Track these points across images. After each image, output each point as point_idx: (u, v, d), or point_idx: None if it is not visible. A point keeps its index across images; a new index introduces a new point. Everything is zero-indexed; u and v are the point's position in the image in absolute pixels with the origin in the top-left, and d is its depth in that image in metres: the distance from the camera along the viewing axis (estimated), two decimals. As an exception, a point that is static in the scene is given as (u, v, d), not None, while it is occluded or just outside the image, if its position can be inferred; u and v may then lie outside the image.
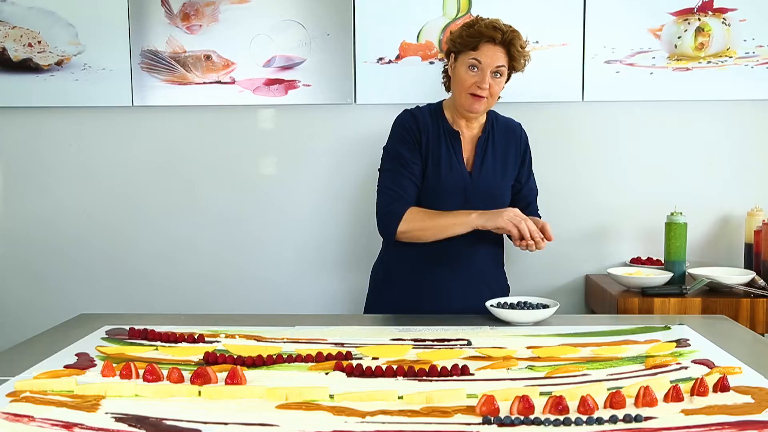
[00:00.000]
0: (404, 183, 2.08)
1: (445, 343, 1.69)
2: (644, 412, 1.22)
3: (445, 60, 2.16)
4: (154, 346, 1.69)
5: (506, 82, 2.12)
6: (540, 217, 2.22)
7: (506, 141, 2.18)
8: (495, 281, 2.23)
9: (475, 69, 2.02)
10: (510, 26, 2.05)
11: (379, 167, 2.17)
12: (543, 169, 2.83)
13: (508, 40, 2.02)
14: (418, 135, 2.11)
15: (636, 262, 2.78)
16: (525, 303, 1.95)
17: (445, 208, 2.06)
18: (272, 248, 2.90)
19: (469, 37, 2.02)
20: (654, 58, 2.76)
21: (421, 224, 2.04)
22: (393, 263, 2.21)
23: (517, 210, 1.98)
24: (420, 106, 2.20)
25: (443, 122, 2.14)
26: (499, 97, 2.13)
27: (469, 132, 2.16)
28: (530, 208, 2.21)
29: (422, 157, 2.11)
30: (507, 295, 2.25)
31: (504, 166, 2.16)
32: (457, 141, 2.12)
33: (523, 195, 2.21)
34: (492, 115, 2.20)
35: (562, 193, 2.85)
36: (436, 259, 2.11)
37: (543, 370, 1.48)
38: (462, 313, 2.03)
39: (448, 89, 2.17)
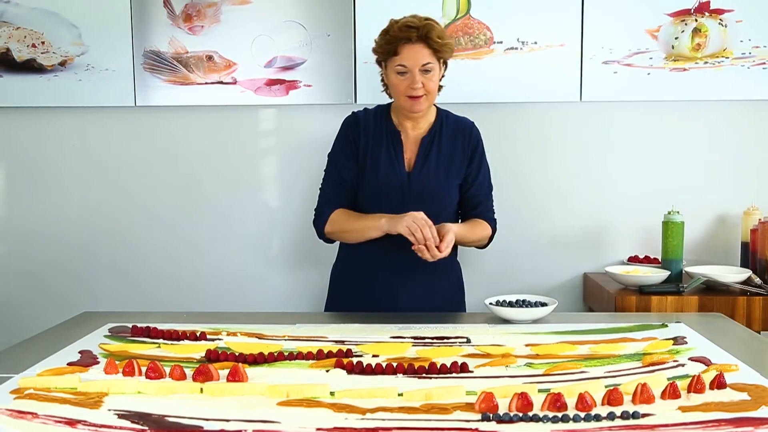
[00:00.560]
0: (335, 186, 2.14)
1: (445, 340, 1.70)
2: (641, 408, 1.22)
3: (380, 69, 2.13)
4: (156, 343, 1.69)
5: (444, 70, 2.10)
6: (494, 220, 2.20)
7: (454, 140, 2.14)
8: (446, 278, 2.19)
9: (404, 73, 2.01)
10: (424, 19, 2.01)
11: None
12: (541, 168, 2.86)
13: (424, 35, 1.98)
14: (356, 138, 2.13)
15: (633, 260, 2.79)
16: (524, 301, 1.95)
17: (383, 207, 2.05)
18: (273, 246, 2.91)
19: (387, 44, 2.01)
20: (651, 58, 2.78)
21: (342, 227, 2.10)
22: (344, 264, 2.23)
23: (418, 215, 1.93)
24: (369, 108, 2.21)
25: (387, 123, 2.14)
26: (441, 87, 2.12)
27: (415, 132, 2.14)
28: (479, 209, 2.17)
29: (359, 159, 2.12)
30: (461, 290, 2.24)
31: (448, 165, 2.12)
32: (398, 141, 2.12)
33: (471, 195, 2.16)
34: (443, 114, 2.18)
35: (560, 192, 2.86)
36: (385, 258, 2.10)
37: (541, 367, 1.48)
38: (412, 311, 2.04)
39: (390, 95, 2.14)
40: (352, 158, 2.13)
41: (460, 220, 2.20)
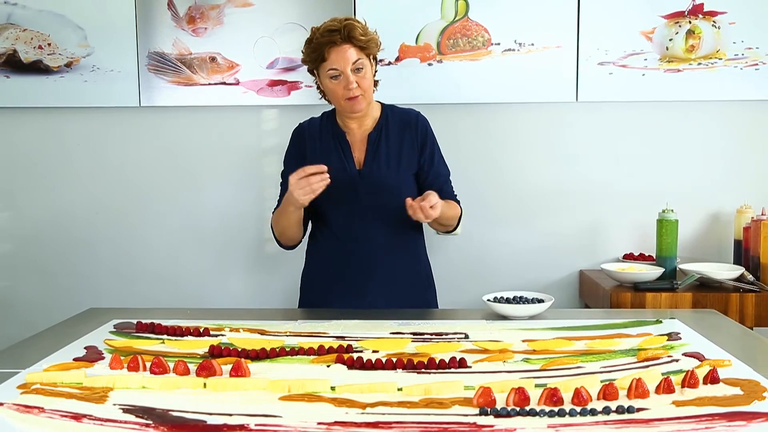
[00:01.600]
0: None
1: (443, 336, 1.71)
2: (636, 403, 1.23)
3: (313, 78, 2.13)
4: (160, 339, 1.70)
5: (376, 65, 2.10)
6: (459, 202, 2.19)
7: (401, 132, 2.14)
8: (414, 273, 2.19)
9: (336, 77, 2.00)
10: (344, 20, 2.00)
11: None
12: (538, 167, 2.88)
13: (347, 36, 1.97)
14: (302, 147, 2.16)
15: (629, 257, 2.81)
16: (521, 297, 1.96)
17: (339, 208, 2.08)
18: (276, 246, 2.92)
19: (314, 51, 2.01)
20: (646, 59, 2.80)
21: (277, 228, 2.15)
22: (311, 265, 2.24)
23: (292, 177, 1.93)
24: (315, 117, 2.21)
25: (333, 126, 2.15)
26: (377, 82, 2.12)
27: (361, 130, 2.14)
28: (441, 195, 2.12)
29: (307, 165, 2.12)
30: (430, 285, 2.24)
31: (399, 158, 2.12)
32: (345, 142, 2.13)
33: (429, 182, 2.14)
34: (387, 109, 2.18)
35: (557, 191, 2.89)
36: (349, 258, 2.11)
37: (538, 362, 1.49)
38: (381, 308, 2.04)
39: (329, 101, 2.14)
40: (300, 167, 2.12)
41: None
